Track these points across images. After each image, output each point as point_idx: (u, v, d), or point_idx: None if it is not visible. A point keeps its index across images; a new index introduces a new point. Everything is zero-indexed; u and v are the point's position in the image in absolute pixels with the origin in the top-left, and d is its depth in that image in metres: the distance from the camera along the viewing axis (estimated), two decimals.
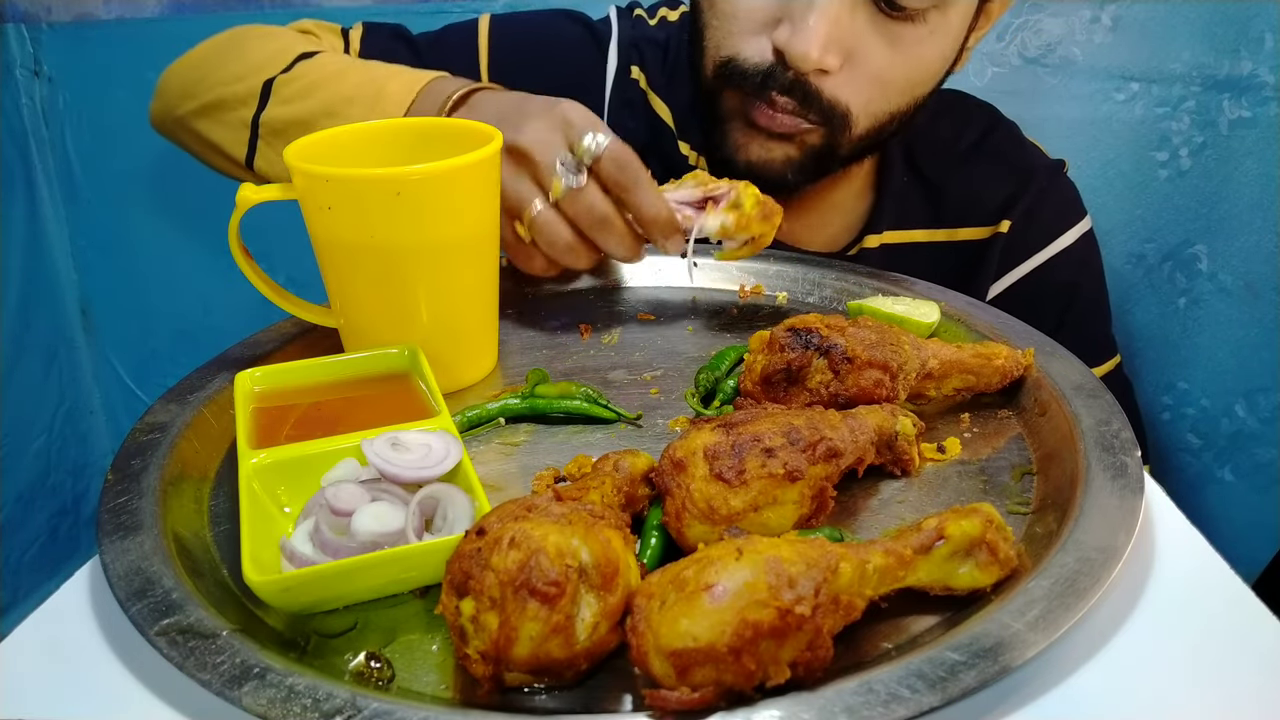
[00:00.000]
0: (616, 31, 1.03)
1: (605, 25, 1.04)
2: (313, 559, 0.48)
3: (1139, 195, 1.25)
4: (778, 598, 0.39)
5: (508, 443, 0.63)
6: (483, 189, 0.66)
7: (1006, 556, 0.46)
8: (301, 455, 0.54)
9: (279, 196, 0.65)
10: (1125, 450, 0.55)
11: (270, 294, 0.70)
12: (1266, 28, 1.13)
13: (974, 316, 0.73)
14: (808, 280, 0.83)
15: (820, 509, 0.51)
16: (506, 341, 0.76)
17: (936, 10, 0.79)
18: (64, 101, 1.48)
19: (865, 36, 0.79)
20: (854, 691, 0.39)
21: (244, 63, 0.88)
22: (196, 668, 0.41)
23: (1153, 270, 1.27)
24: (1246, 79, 1.15)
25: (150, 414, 0.62)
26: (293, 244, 0.77)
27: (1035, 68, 1.26)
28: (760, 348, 0.62)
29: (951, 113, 1.01)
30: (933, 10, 0.79)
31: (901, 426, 0.57)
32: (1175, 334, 1.26)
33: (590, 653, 0.42)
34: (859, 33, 0.79)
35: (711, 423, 0.52)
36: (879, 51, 0.80)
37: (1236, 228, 1.19)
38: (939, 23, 0.80)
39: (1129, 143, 1.24)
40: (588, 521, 0.43)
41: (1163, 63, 1.20)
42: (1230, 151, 1.18)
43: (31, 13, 1.44)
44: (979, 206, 0.99)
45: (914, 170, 0.99)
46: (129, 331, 1.63)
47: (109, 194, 1.53)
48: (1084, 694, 0.43)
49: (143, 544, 0.49)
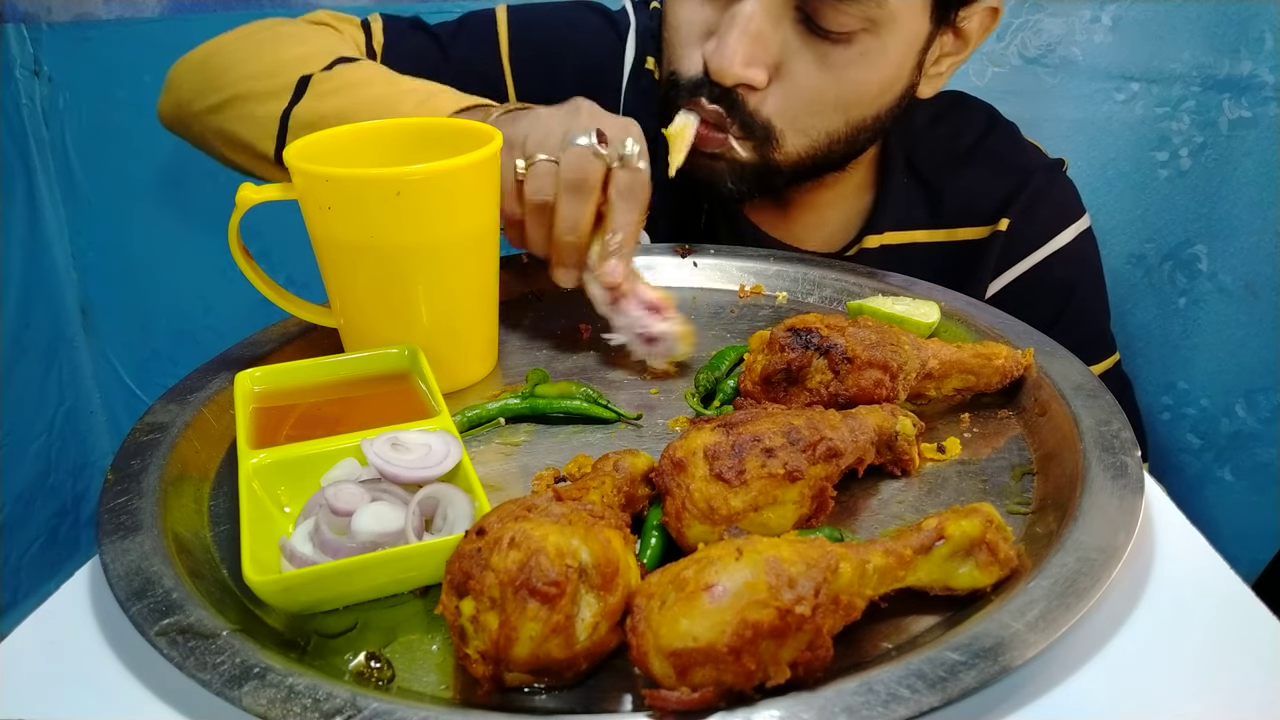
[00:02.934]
0: (634, 21, 1.03)
1: (623, 16, 1.05)
2: (313, 559, 0.48)
3: (1139, 195, 1.25)
4: (778, 598, 0.39)
5: (508, 443, 0.63)
6: (483, 189, 0.66)
7: (1006, 556, 0.46)
8: (301, 455, 0.54)
9: (279, 196, 0.65)
10: (1125, 450, 0.55)
11: (270, 294, 0.70)
12: (1266, 28, 1.13)
13: (974, 316, 0.73)
14: (808, 280, 0.83)
15: (820, 509, 0.51)
16: (506, 341, 0.76)
17: (867, 33, 0.78)
18: (64, 101, 1.48)
19: (794, 54, 0.79)
20: (854, 691, 0.39)
21: (274, 58, 0.86)
22: (196, 668, 0.41)
23: (1153, 270, 1.27)
24: (1246, 79, 1.15)
25: (150, 414, 0.62)
26: (293, 244, 0.77)
27: (1035, 68, 1.26)
28: (760, 348, 0.62)
29: (950, 114, 1.01)
30: (862, 33, 0.78)
31: (901, 426, 0.57)
32: (1175, 334, 1.26)
33: (590, 653, 0.42)
34: (788, 49, 0.79)
35: (711, 423, 0.52)
36: (808, 71, 0.79)
37: (1236, 228, 1.19)
38: (870, 46, 0.79)
39: (1129, 143, 1.24)
40: (588, 521, 0.43)
41: (1163, 63, 1.20)
42: (1230, 151, 1.18)
43: (31, 13, 1.44)
44: (977, 206, 0.99)
45: (913, 171, 0.99)
46: (129, 331, 1.63)
47: (109, 194, 1.53)
48: (1084, 694, 0.43)
49: (143, 544, 0.49)
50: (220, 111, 0.89)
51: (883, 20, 0.78)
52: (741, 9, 0.77)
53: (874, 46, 0.79)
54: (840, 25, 0.77)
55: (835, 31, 0.77)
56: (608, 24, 1.04)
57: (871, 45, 0.79)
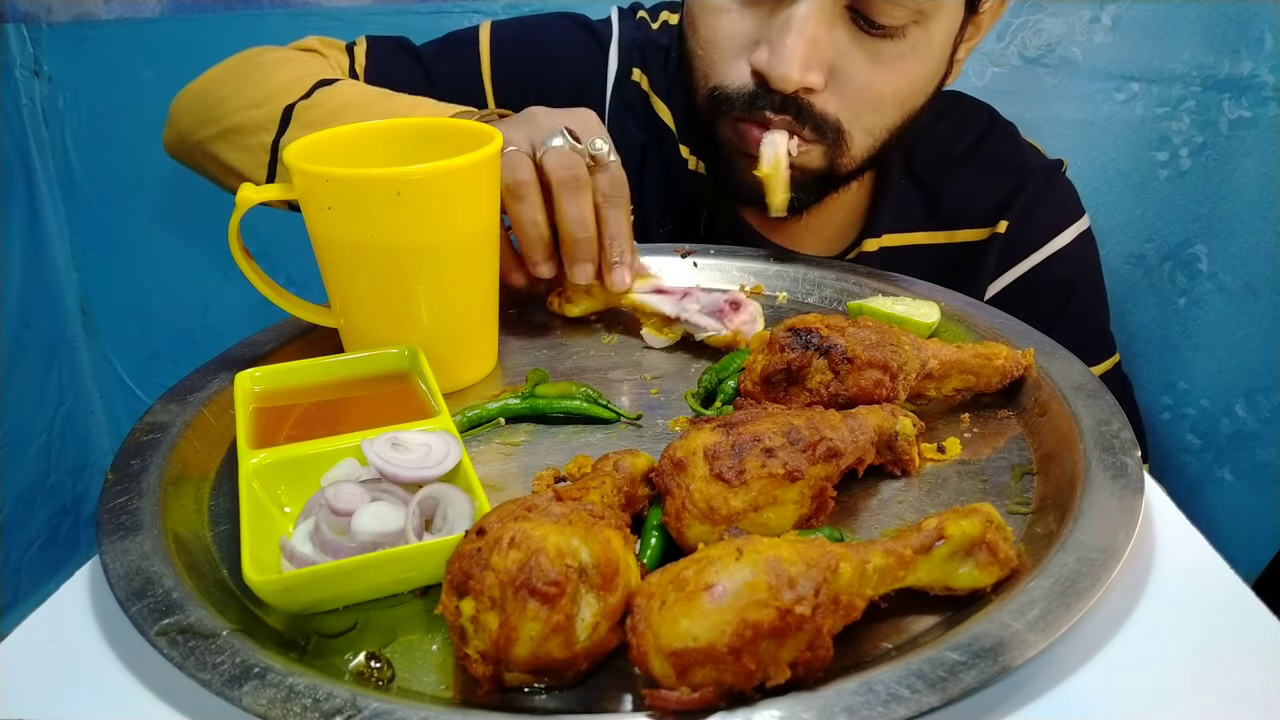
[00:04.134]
0: (618, 33, 1.03)
1: (606, 26, 1.04)
2: (313, 559, 0.48)
3: (1139, 195, 1.25)
4: (778, 598, 0.39)
5: (508, 443, 0.63)
6: (483, 189, 0.66)
7: (1006, 556, 0.46)
8: (301, 455, 0.54)
9: (279, 197, 0.65)
10: (1125, 450, 0.55)
11: (270, 294, 0.70)
12: (1266, 28, 1.13)
13: (974, 316, 0.73)
14: (808, 280, 0.83)
15: (820, 509, 0.51)
16: (506, 341, 0.76)
17: (917, 26, 0.78)
18: (64, 101, 1.48)
19: (847, 54, 0.79)
20: (854, 691, 0.39)
21: (261, 88, 0.88)
22: (196, 668, 0.41)
23: (1153, 270, 1.27)
24: (1246, 79, 1.15)
25: (150, 414, 0.62)
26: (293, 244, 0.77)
27: (1035, 68, 1.26)
28: (760, 348, 0.62)
29: (948, 114, 1.01)
30: (912, 26, 0.78)
31: (901, 426, 0.57)
32: (1175, 334, 1.26)
33: (590, 653, 0.42)
34: (840, 50, 0.78)
35: (711, 423, 0.52)
36: (863, 68, 0.79)
37: (1236, 228, 1.19)
38: (920, 38, 0.79)
39: (1129, 143, 1.24)
40: (588, 521, 0.43)
41: (1163, 63, 1.20)
42: (1230, 151, 1.18)
43: (31, 13, 1.44)
44: (976, 208, 0.99)
45: (911, 173, 0.99)
46: (129, 331, 1.63)
47: (109, 194, 1.53)
48: (1084, 694, 0.43)
49: (143, 544, 0.49)
50: (216, 143, 0.91)
51: (931, 11, 0.78)
52: (795, 12, 0.76)
53: (923, 39, 0.80)
54: (893, 19, 0.77)
55: (888, 26, 0.77)
56: (589, 36, 1.04)
57: (920, 38, 0.79)
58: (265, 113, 0.86)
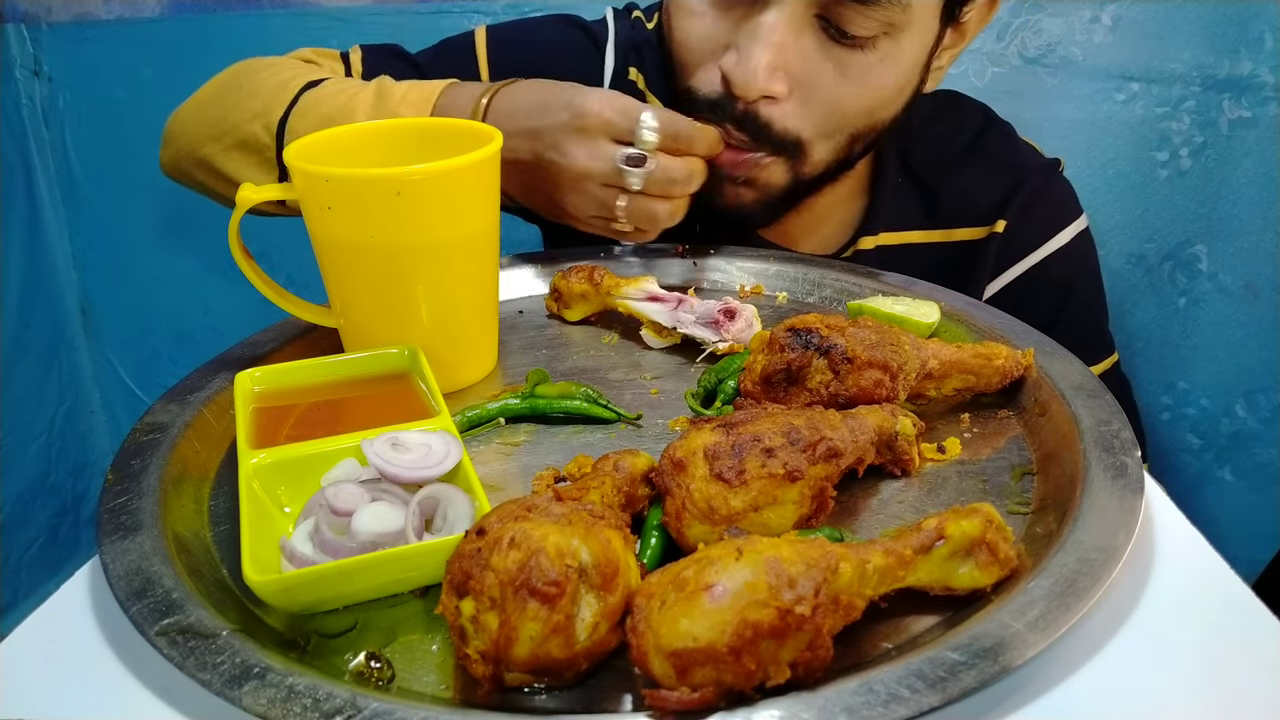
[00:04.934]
0: (613, 33, 1.03)
1: (601, 26, 1.05)
2: (313, 559, 0.48)
3: (1139, 195, 1.26)
4: (778, 598, 0.39)
5: (508, 443, 0.63)
6: (483, 189, 0.66)
7: (1006, 556, 0.46)
8: (301, 455, 0.54)
9: (279, 197, 0.65)
10: (1125, 450, 0.55)
11: (270, 294, 0.70)
12: (1266, 28, 1.13)
13: (974, 316, 0.73)
14: (808, 280, 0.83)
15: (820, 509, 0.51)
16: (506, 341, 0.76)
17: (887, 37, 0.78)
18: (64, 101, 1.48)
19: (814, 63, 0.79)
20: (854, 691, 0.39)
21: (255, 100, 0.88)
22: (196, 668, 0.41)
23: (1153, 270, 1.27)
24: (1246, 79, 1.15)
25: (150, 414, 0.62)
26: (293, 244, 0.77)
27: (1035, 68, 1.26)
28: (760, 348, 0.62)
29: (945, 114, 1.01)
30: (883, 37, 0.78)
31: (901, 426, 0.57)
32: (1175, 334, 1.26)
33: (590, 653, 0.42)
34: (807, 59, 0.78)
35: (711, 423, 0.52)
36: (829, 78, 0.79)
37: (1236, 228, 1.19)
38: (890, 50, 0.79)
39: (1129, 143, 1.24)
40: (588, 521, 0.43)
41: (1163, 63, 1.20)
42: (1230, 151, 1.18)
43: (31, 13, 1.44)
44: (974, 207, 0.99)
45: (908, 171, 0.99)
46: (129, 331, 1.63)
47: (109, 194, 1.53)
48: (1084, 694, 0.43)
49: (143, 544, 0.49)
50: (220, 159, 0.90)
51: (902, 24, 0.78)
52: (763, 20, 0.76)
53: (893, 51, 0.79)
54: (863, 30, 0.77)
55: (857, 37, 0.77)
56: (585, 37, 1.04)
57: (890, 50, 0.79)
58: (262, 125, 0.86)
